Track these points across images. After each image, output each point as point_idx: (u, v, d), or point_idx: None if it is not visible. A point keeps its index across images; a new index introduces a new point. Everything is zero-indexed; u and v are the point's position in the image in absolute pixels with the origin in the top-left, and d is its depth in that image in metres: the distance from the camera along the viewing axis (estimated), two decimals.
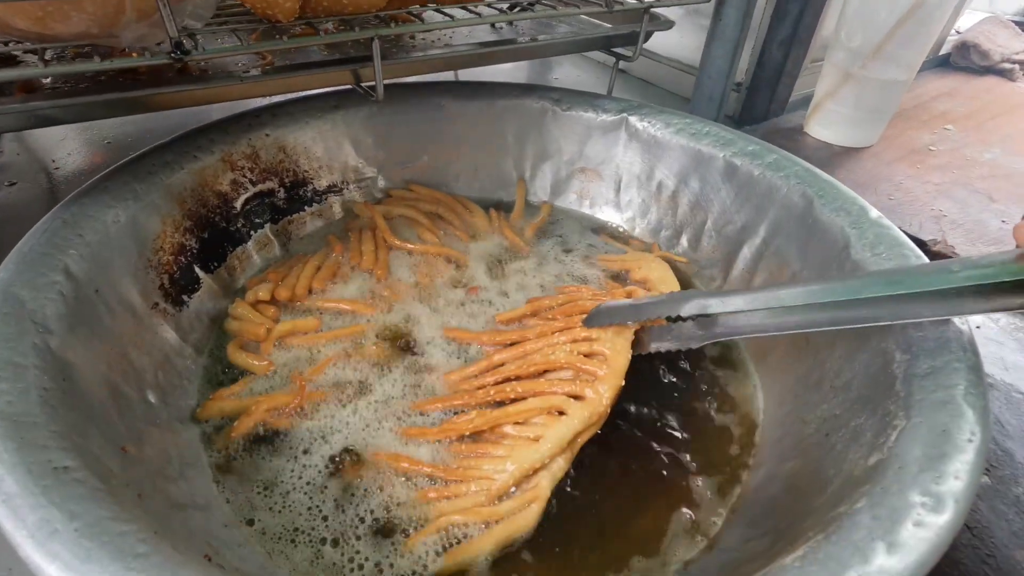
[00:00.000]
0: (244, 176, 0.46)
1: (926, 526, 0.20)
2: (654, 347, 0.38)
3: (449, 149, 0.57)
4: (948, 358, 0.28)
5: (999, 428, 0.33)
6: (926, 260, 0.33)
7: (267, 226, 0.48)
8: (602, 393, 0.34)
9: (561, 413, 0.34)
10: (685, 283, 0.49)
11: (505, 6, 0.48)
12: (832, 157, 0.59)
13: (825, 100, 0.59)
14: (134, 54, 0.31)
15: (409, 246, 0.48)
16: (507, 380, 0.37)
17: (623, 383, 0.35)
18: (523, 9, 0.49)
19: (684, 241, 0.52)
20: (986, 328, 0.40)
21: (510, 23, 0.57)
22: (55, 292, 0.29)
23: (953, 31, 1.05)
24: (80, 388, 0.27)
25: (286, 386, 0.37)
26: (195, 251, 0.42)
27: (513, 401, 0.35)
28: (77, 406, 0.26)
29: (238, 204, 0.46)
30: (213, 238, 0.44)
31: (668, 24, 0.56)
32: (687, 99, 0.76)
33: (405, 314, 0.43)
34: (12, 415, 0.22)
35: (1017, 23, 0.99)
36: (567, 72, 0.84)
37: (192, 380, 0.38)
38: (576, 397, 0.34)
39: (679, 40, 0.76)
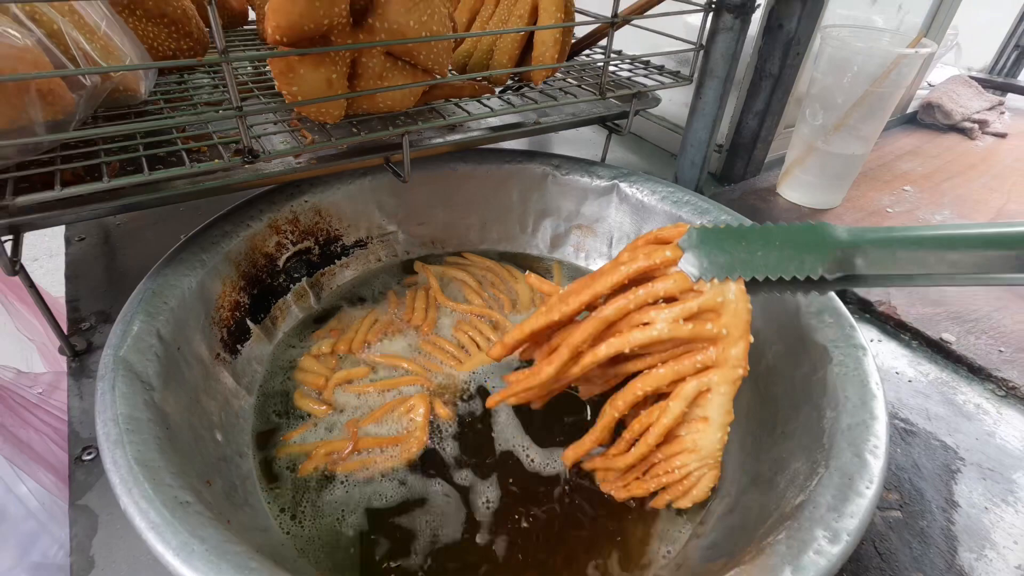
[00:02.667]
0: (286, 238, 0.54)
1: (823, 554, 0.27)
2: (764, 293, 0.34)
3: (461, 207, 0.64)
4: (864, 417, 0.35)
5: (915, 470, 0.40)
6: (857, 332, 0.40)
7: (304, 279, 0.56)
8: (735, 357, 0.32)
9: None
10: None
11: (513, 97, 0.56)
12: (800, 218, 0.66)
13: (793, 167, 0.67)
14: (216, 160, 0.39)
15: (455, 305, 0.56)
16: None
17: (751, 340, 0.33)
18: (526, 95, 0.56)
19: None
20: (916, 382, 0.47)
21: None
22: (152, 354, 0.36)
23: (925, 83, 1.13)
24: (175, 433, 0.34)
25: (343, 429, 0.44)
26: (247, 306, 0.49)
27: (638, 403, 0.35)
28: (177, 449, 0.33)
29: (280, 262, 0.53)
30: (260, 293, 0.51)
31: (655, 102, 0.64)
32: (674, 154, 0.84)
33: (448, 373, 0.50)
34: (143, 461, 0.29)
35: (980, 80, 1.08)
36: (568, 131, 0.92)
37: (246, 418, 0.45)
38: (704, 369, 0.33)
39: (668, 101, 0.84)
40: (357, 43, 0.40)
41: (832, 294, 0.45)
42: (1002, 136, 0.92)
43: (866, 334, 0.53)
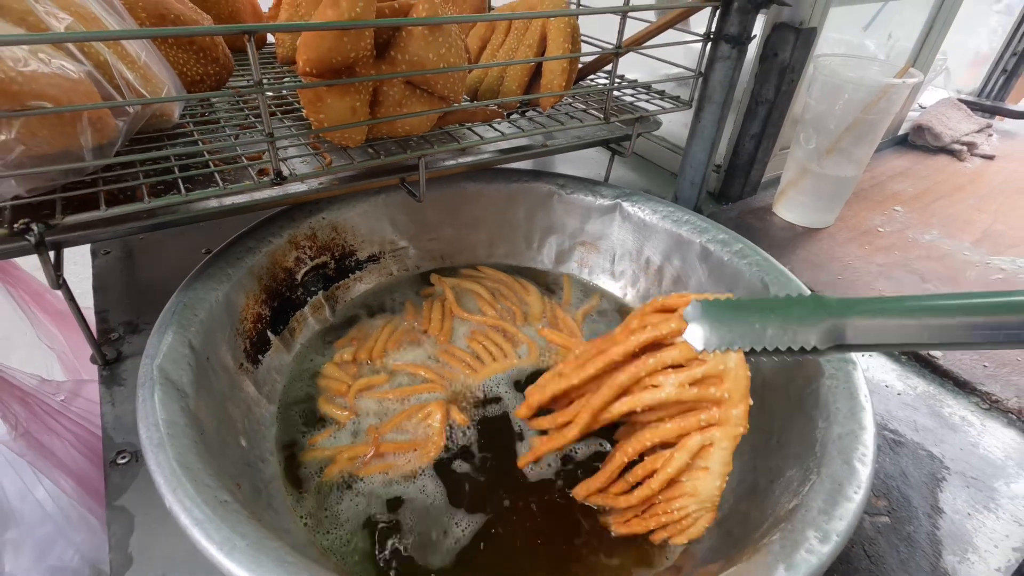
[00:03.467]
0: (305, 253, 0.56)
1: (815, 553, 0.29)
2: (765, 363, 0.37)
3: (470, 224, 0.67)
4: (853, 427, 0.37)
5: (903, 479, 0.42)
6: None
7: (320, 292, 0.58)
8: (736, 416, 0.36)
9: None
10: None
11: (522, 121, 0.59)
12: (795, 237, 0.69)
13: (788, 188, 0.70)
14: (247, 181, 0.41)
15: (470, 316, 0.58)
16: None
17: (751, 402, 0.36)
18: (534, 119, 0.59)
19: None
20: (905, 395, 0.50)
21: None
22: (185, 364, 0.39)
23: (916, 105, 1.17)
24: (208, 438, 0.36)
25: (366, 435, 0.46)
26: (268, 318, 0.51)
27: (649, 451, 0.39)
28: (211, 452, 0.35)
29: (299, 276, 0.56)
30: (280, 306, 0.53)
31: (657, 125, 0.67)
32: (674, 174, 0.87)
33: (463, 381, 0.52)
34: (184, 463, 0.31)
35: (969, 103, 1.11)
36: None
37: (268, 425, 0.47)
38: (708, 426, 0.37)
39: (668, 122, 0.87)
40: (380, 74, 0.43)
41: None
42: (990, 158, 0.96)
43: None
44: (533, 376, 0.53)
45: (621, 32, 0.55)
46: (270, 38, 0.76)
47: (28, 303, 0.68)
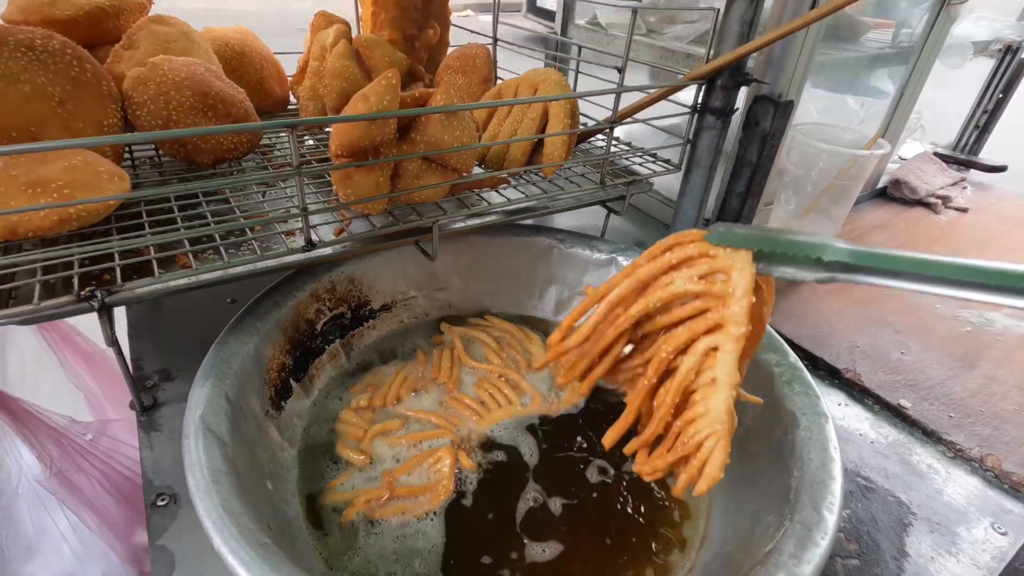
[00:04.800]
0: (324, 305, 0.61)
1: None
2: (774, 272, 0.38)
3: (476, 276, 0.72)
4: (824, 477, 0.41)
5: (873, 523, 0.46)
6: (821, 401, 0.47)
7: (337, 341, 0.63)
8: (737, 314, 0.37)
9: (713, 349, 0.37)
10: None
11: (526, 186, 0.64)
12: (779, 289, 0.74)
13: None
14: (283, 248, 0.46)
15: (477, 365, 0.62)
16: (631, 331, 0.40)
17: (754, 299, 0.37)
18: (537, 184, 0.65)
19: None
20: (877, 443, 0.54)
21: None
22: (223, 414, 0.43)
23: (896, 156, 1.24)
24: (243, 483, 0.40)
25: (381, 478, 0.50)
26: (291, 367, 0.56)
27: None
28: (247, 497, 0.39)
29: (319, 326, 0.60)
30: (302, 355, 0.58)
31: (649, 186, 0.72)
32: (667, 224, 0.92)
33: (471, 427, 0.56)
34: (228, 507, 0.35)
35: (944, 157, 1.18)
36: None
37: (290, 468, 0.51)
38: (714, 329, 0.37)
39: (660, 179, 0.93)
40: (402, 153, 0.48)
41: (802, 366, 0.52)
42: (964, 211, 1.02)
43: (835, 398, 0.61)
44: (539, 422, 0.57)
45: (615, 109, 0.61)
46: (293, 100, 0.82)
47: (58, 345, 0.72)
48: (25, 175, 0.43)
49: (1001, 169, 1.16)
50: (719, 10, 0.64)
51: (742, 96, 0.73)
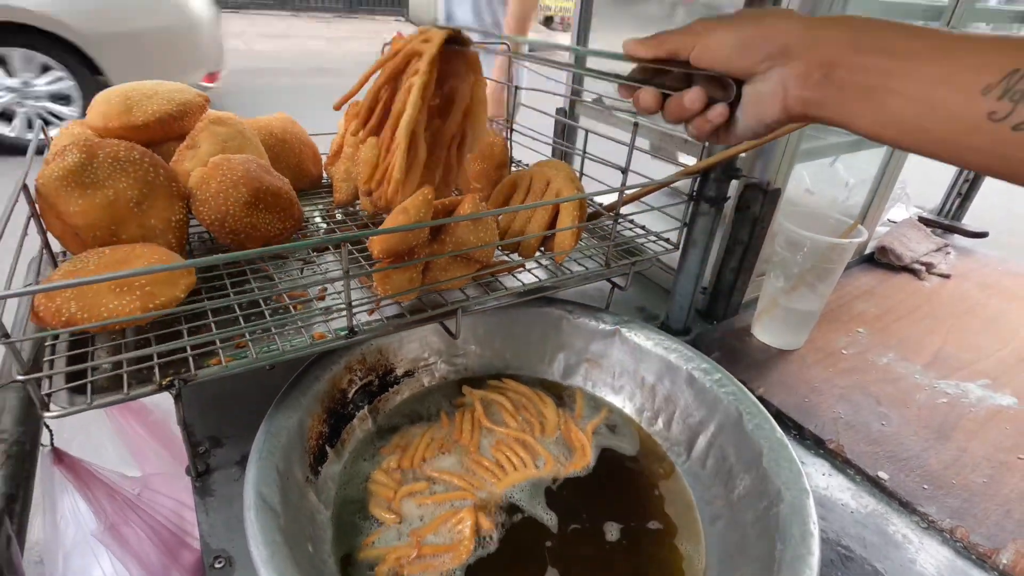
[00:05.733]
0: (356, 375, 0.67)
1: None
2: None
3: (491, 343, 0.78)
4: (803, 552, 0.47)
5: None
6: (803, 477, 0.53)
7: (365, 407, 0.69)
8: (424, 62, 0.55)
9: None
10: (661, 457, 0.68)
11: (539, 271, 0.71)
12: (769, 358, 0.80)
13: (763, 315, 0.82)
14: (328, 335, 0.53)
15: (495, 427, 0.68)
16: None
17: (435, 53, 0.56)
18: (548, 267, 0.72)
19: (660, 422, 0.72)
20: (857, 513, 0.59)
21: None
22: (275, 485, 0.49)
23: (885, 219, 1.31)
24: (292, 550, 0.46)
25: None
26: (326, 434, 0.62)
27: None
28: (297, 561, 0.45)
29: (350, 395, 0.67)
30: (335, 422, 0.64)
31: (650, 263, 0.79)
32: (668, 290, 0.99)
33: (489, 490, 0.62)
34: (285, 575, 0.41)
35: (928, 222, 1.25)
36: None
37: (325, 529, 0.57)
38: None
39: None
40: (433, 253, 0.55)
41: (787, 443, 0.58)
42: (946, 277, 1.08)
43: (819, 468, 0.66)
44: (552, 484, 0.62)
45: (619, 202, 0.68)
46: (325, 176, 0.91)
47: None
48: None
49: (983, 235, 1.23)
50: None
51: (733, 185, 0.80)
